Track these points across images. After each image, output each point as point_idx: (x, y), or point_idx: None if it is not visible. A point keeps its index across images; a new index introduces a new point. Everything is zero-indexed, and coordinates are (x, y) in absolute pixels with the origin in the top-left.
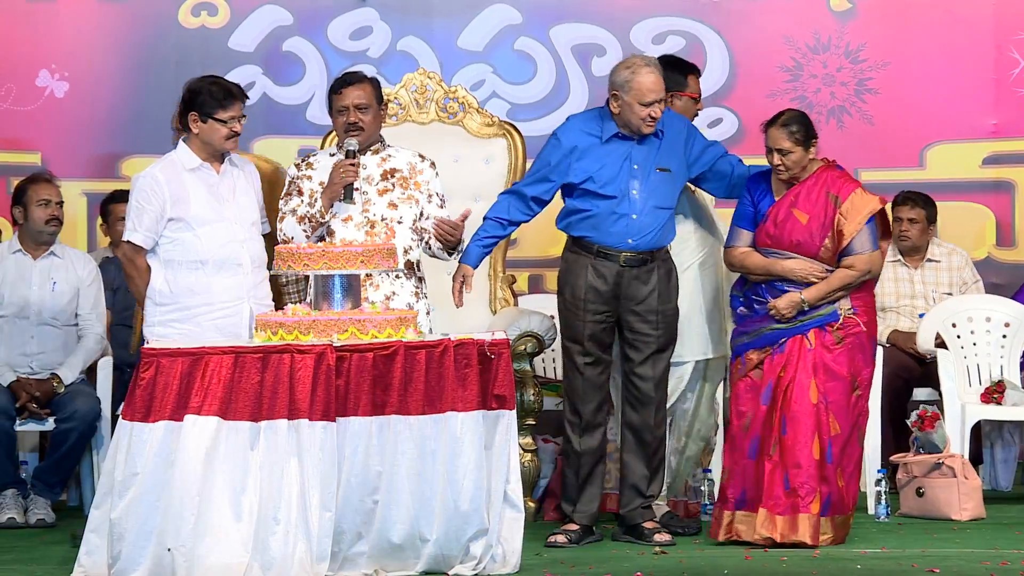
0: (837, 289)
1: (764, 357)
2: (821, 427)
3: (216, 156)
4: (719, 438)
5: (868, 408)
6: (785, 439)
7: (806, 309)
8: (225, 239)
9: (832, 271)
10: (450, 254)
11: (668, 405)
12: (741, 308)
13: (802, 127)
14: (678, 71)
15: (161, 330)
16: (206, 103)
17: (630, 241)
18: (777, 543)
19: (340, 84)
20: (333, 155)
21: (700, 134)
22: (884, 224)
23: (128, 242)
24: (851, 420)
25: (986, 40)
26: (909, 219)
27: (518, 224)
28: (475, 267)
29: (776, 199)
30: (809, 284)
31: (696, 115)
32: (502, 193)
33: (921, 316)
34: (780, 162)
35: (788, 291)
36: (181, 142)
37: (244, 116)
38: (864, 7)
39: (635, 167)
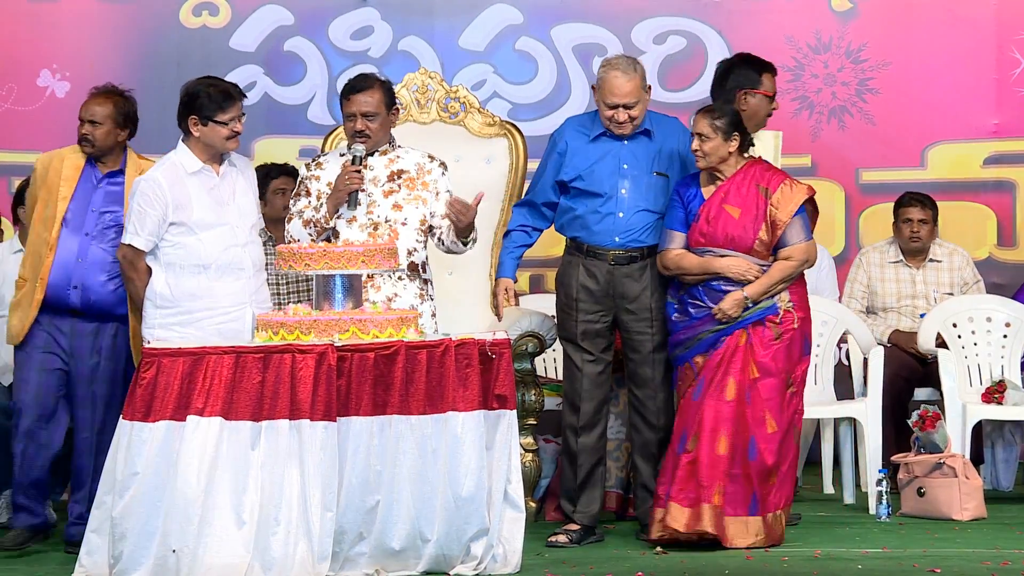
0: (778, 282)
1: (707, 359)
2: (743, 424)
3: (216, 157)
4: None
5: (803, 405)
6: (699, 434)
7: (749, 305)
8: (227, 243)
9: (767, 266)
10: (464, 244)
11: None
12: (676, 314)
13: (726, 118)
14: (752, 68)
15: (161, 333)
16: (205, 106)
17: (617, 239)
18: (683, 534)
19: (349, 90)
20: (343, 155)
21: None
22: (815, 213)
23: (129, 245)
24: (787, 417)
25: (987, 40)
26: (919, 220)
27: (542, 229)
28: (513, 278)
29: (706, 198)
30: (745, 281)
31: (770, 114)
32: (515, 206)
33: (922, 316)
34: (698, 147)
35: (727, 291)
36: (181, 143)
37: (243, 115)
38: (865, 7)
39: (625, 167)
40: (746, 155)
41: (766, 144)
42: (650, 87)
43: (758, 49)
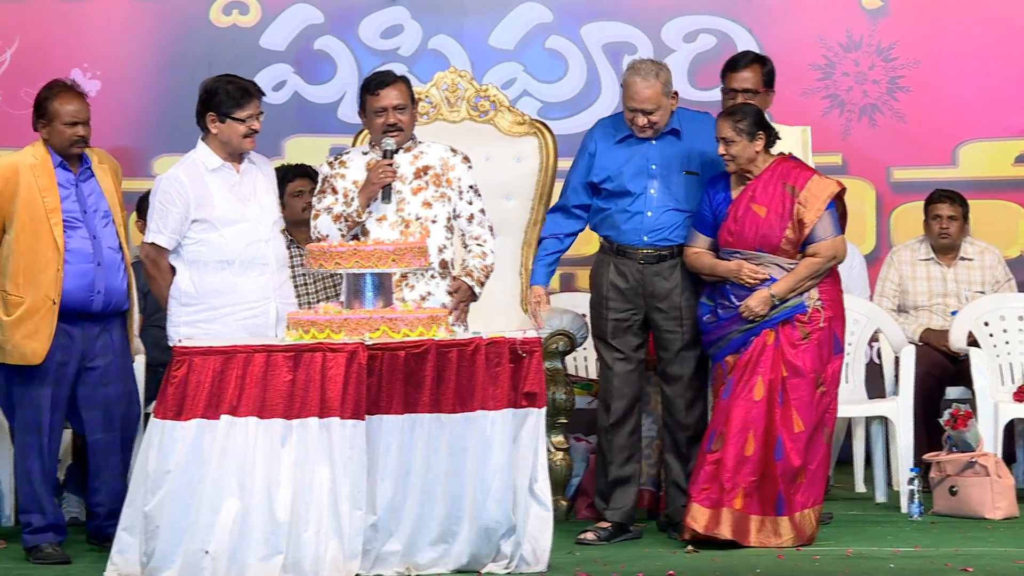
0: (805, 279)
1: (737, 359)
2: (772, 424)
3: (235, 155)
4: None
5: (835, 405)
6: (726, 434)
7: (776, 303)
8: (250, 239)
9: (794, 264)
10: (481, 287)
11: None
12: (708, 315)
13: (747, 119)
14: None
15: (187, 330)
16: (223, 103)
17: (645, 238)
18: (702, 535)
19: (376, 85)
20: (366, 153)
21: None
22: (843, 209)
23: (152, 244)
24: (815, 417)
25: (1018, 38)
26: (948, 216)
27: (575, 233)
28: (546, 285)
29: (735, 197)
30: (748, 284)
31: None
32: (548, 212)
33: (953, 314)
34: (724, 151)
35: (754, 289)
36: (200, 142)
37: (262, 113)
38: (896, 5)
39: (653, 167)
40: (774, 152)
41: (792, 140)
42: (676, 93)
43: (788, 47)
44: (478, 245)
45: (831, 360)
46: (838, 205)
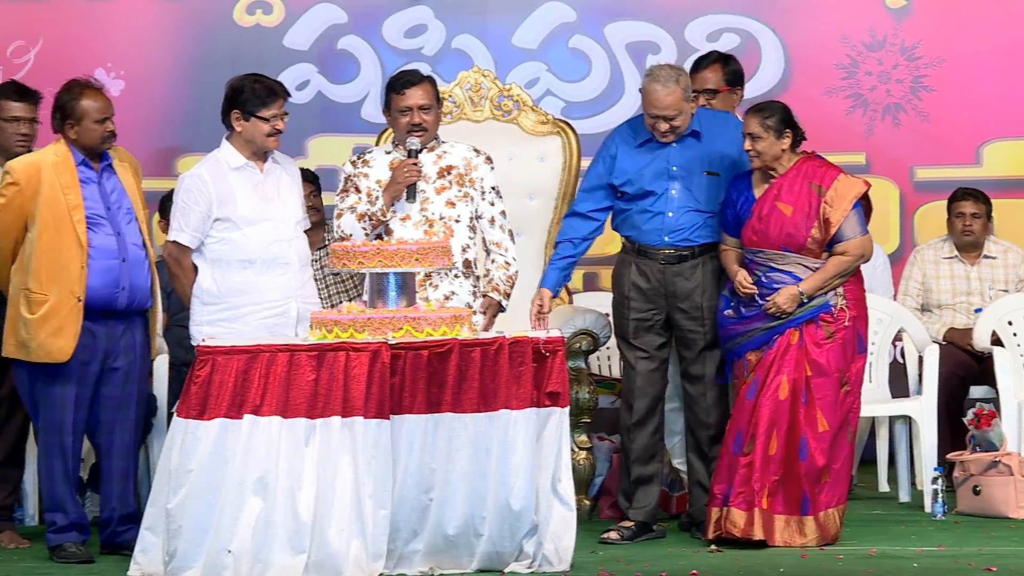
0: (833, 277)
1: (760, 356)
2: (796, 424)
3: (259, 154)
4: None
5: (859, 404)
6: (756, 435)
7: (804, 301)
8: (272, 238)
9: (820, 264)
10: (507, 298)
11: None
12: (728, 310)
13: (776, 116)
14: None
15: (209, 329)
16: (248, 101)
17: (666, 239)
18: (739, 538)
19: (402, 84)
20: (389, 152)
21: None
22: (869, 207)
23: (174, 242)
24: (839, 416)
25: None
26: (972, 214)
27: (591, 238)
28: (555, 291)
29: (757, 196)
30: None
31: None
32: (564, 216)
33: (977, 311)
34: (751, 147)
35: (778, 287)
36: (225, 140)
37: (287, 114)
38: (920, 5)
39: (674, 169)
40: (798, 152)
41: None
42: (696, 96)
43: (812, 47)
44: (500, 255)
45: (855, 359)
46: (864, 204)
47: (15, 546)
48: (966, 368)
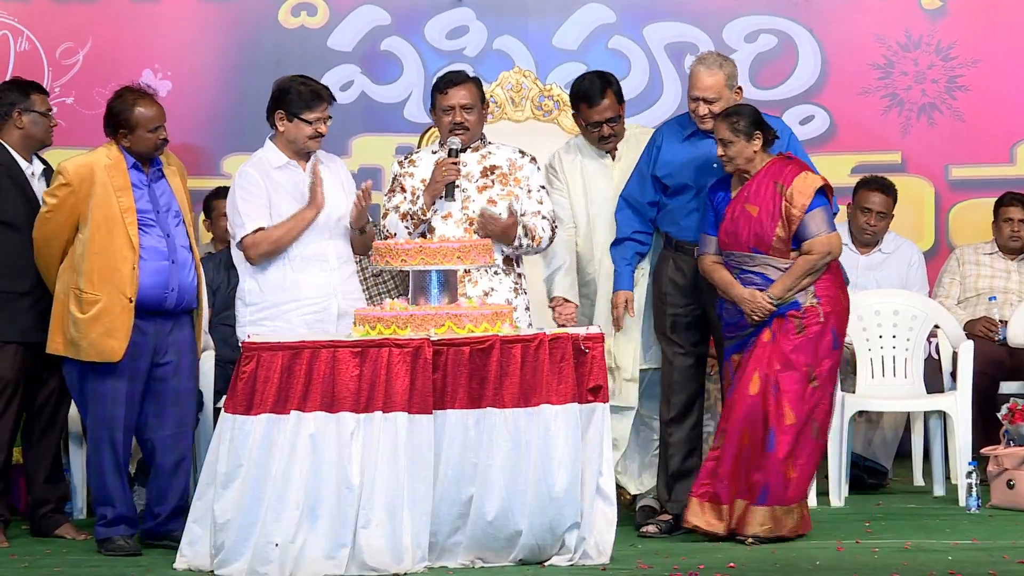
0: (800, 276)
1: (741, 357)
2: (766, 417)
3: (302, 154)
4: None
5: (830, 401)
6: (727, 430)
7: (776, 305)
8: (312, 236)
9: (789, 266)
10: (508, 245)
11: None
12: (723, 312)
13: (744, 120)
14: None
15: (252, 329)
16: (293, 102)
17: None
18: (702, 530)
19: (446, 84)
20: (435, 152)
21: (797, 152)
22: (830, 194)
23: (252, 233)
24: (806, 411)
25: None
26: (1020, 220)
27: (650, 231)
28: (631, 289)
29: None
30: (755, 316)
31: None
32: (618, 211)
33: (991, 299)
34: (722, 152)
35: (751, 288)
36: (268, 140)
37: (330, 118)
38: (955, 5)
39: (715, 165)
40: (770, 152)
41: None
42: (740, 88)
43: (848, 47)
44: (544, 228)
45: (828, 356)
46: (831, 200)
47: (81, 537)
48: (999, 364)
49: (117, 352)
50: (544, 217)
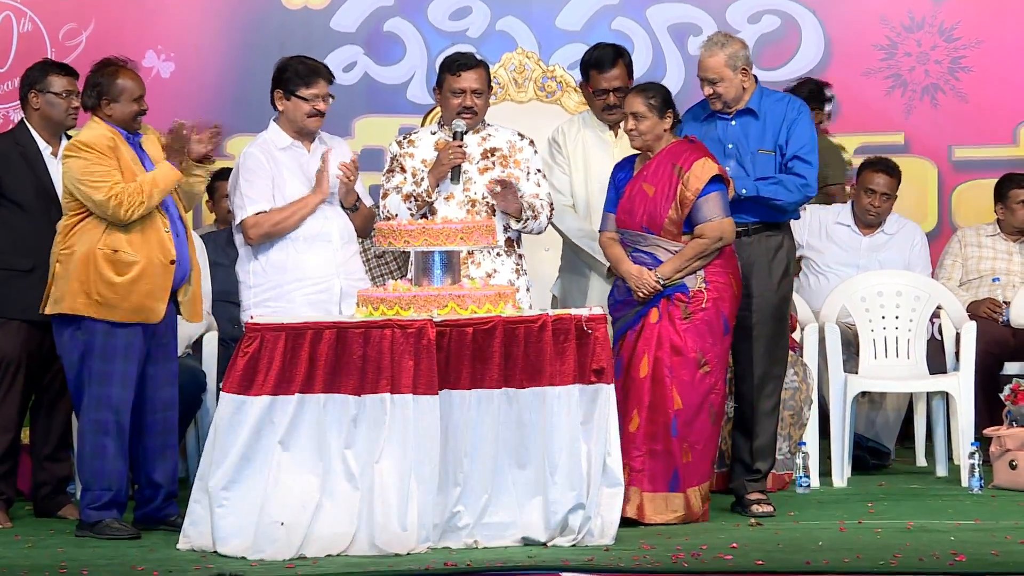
0: (691, 259)
1: (626, 338)
2: (656, 401)
3: (305, 134)
4: (813, 412)
5: (721, 386)
6: (621, 414)
7: (664, 285)
8: (315, 216)
9: (680, 247)
10: (517, 220)
11: None
12: (615, 294)
13: (659, 96)
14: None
15: (256, 311)
16: (291, 80)
17: None
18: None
19: (459, 66)
20: (434, 133)
21: (803, 131)
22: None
23: (255, 215)
24: (698, 396)
25: None
26: None
27: None
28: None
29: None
30: (642, 291)
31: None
32: None
33: (995, 280)
34: (633, 126)
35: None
36: (272, 121)
37: (331, 96)
38: None
39: (730, 146)
40: (675, 135)
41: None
42: (744, 69)
43: (851, 28)
44: (542, 206)
45: (719, 342)
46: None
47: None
48: (1003, 344)
49: (159, 313)
50: (541, 199)
